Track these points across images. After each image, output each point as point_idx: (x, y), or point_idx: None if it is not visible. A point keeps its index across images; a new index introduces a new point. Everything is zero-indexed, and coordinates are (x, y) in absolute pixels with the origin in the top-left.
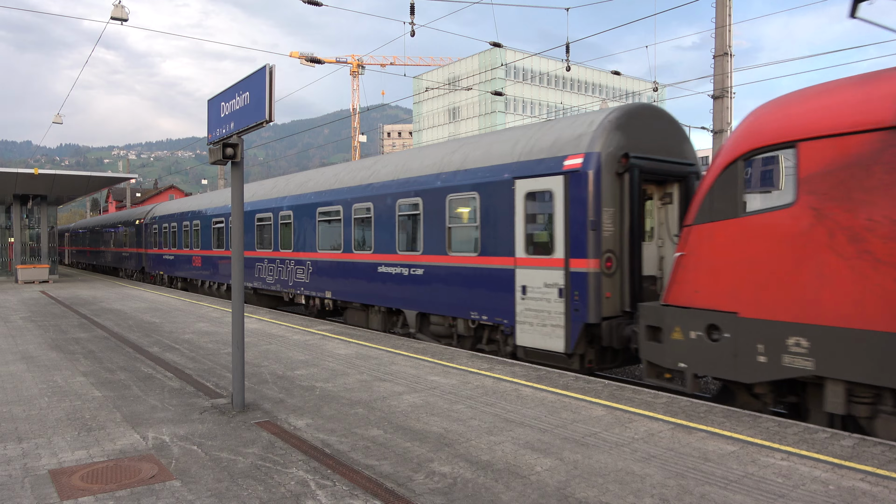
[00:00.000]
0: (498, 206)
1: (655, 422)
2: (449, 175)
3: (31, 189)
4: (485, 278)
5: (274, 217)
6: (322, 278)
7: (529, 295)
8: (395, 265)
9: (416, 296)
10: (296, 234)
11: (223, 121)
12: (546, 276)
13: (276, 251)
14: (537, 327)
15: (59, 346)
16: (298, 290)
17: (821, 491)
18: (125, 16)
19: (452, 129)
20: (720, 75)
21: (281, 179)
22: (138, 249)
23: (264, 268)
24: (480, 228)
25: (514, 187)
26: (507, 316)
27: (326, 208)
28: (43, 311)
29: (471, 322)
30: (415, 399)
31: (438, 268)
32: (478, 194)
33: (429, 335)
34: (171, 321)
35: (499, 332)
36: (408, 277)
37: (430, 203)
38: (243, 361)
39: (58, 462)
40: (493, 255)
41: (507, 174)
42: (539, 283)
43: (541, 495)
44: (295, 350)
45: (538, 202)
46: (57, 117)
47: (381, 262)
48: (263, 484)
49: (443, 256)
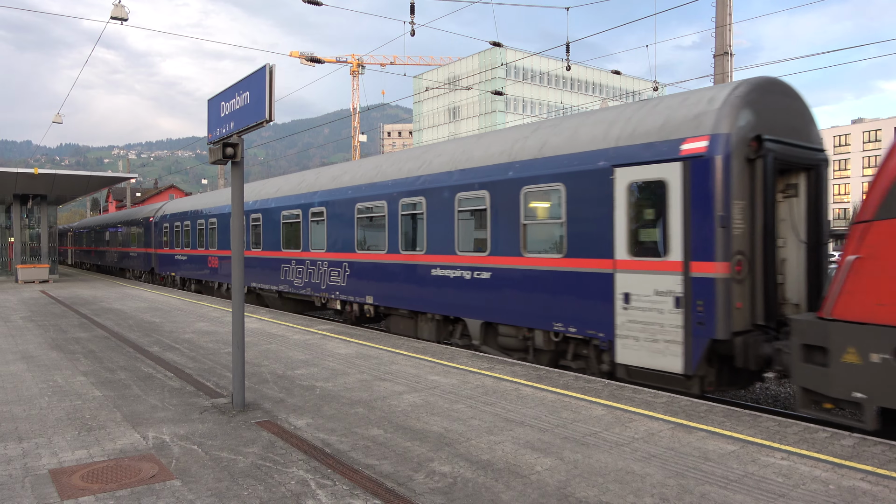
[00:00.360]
0: (590, 199)
1: (656, 421)
2: (524, 164)
3: (31, 189)
4: (573, 283)
5: (303, 214)
6: (362, 282)
7: (634, 304)
8: (453, 267)
9: (481, 303)
10: (330, 233)
11: (223, 120)
12: (657, 281)
13: (306, 251)
14: (645, 343)
15: (59, 345)
16: (333, 295)
17: (821, 490)
18: (125, 15)
19: (452, 129)
20: (720, 74)
21: (309, 173)
22: (147, 249)
23: (292, 269)
24: (567, 225)
25: (614, 177)
26: (602, 328)
27: (367, 204)
28: (43, 311)
29: (552, 334)
30: (415, 398)
31: (510, 271)
32: (563, 186)
33: (496, 348)
34: (172, 321)
35: (590, 347)
36: (470, 282)
37: (499, 197)
38: (243, 361)
39: (58, 462)
40: (583, 257)
41: (604, 162)
42: (647, 289)
43: (541, 495)
44: (295, 349)
45: (645, 194)
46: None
47: (435, 265)
48: (264, 483)
49: (516, 258)
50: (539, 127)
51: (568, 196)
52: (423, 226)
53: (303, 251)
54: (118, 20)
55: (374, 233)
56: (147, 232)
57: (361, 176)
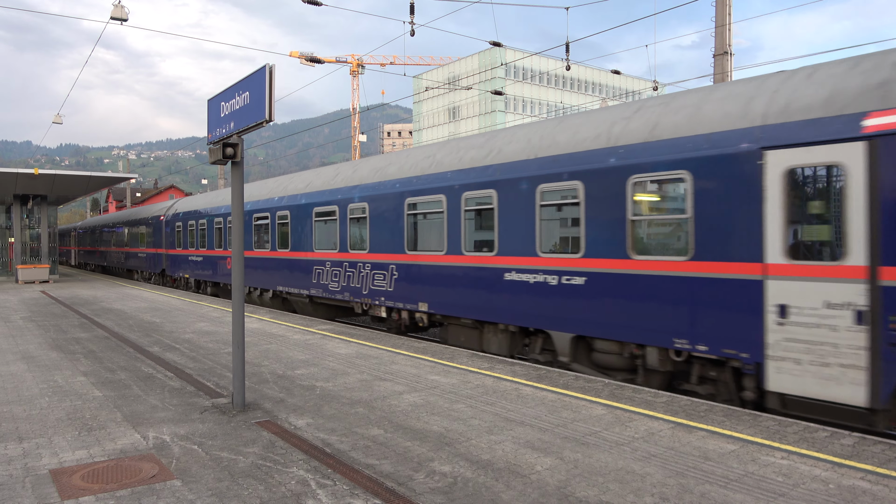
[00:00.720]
0: (728, 190)
1: (656, 421)
2: (631, 149)
3: (31, 189)
4: (703, 292)
5: (340, 211)
6: (414, 286)
7: (795, 318)
8: (533, 271)
9: (572, 312)
10: (373, 232)
11: (223, 120)
12: (829, 291)
13: (343, 252)
14: (811, 367)
15: (59, 345)
16: (377, 301)
17: (821, 490)
18: (125, 16)
19: (452, 129)
20: (720, 74)
21: (345, 165)
22: (157, 250)
23: (326, 272)
24: (694, 221)
25: (763, 161)
26: (746, 347)
27: (419, 199)
28: (43, 311)
29: (673, 352)
30: (415, 398)
31: (613, 276)
32: (689, 174)
33: (589, 365)
34: (172, 321)
35: (725, 370)
36: (557, 288)
37: (596, 188)
38: (244, 361)
39: (58, 462)
40: (718, 260)
41: (747, 143)
42: (814, 301)
43: (541, 494)
44: (295, 349)
45: (811, 182)
46: (57, 117)
47: (509, 268)
48: (264, 483)
49: (620, 260)
50: (642, 106)
51: (696, 186)
52: (494, 223)
53: (340, 252)
54: (118, 20)
55: (428, 231)
56: (157, 231)
57: (411, 167)
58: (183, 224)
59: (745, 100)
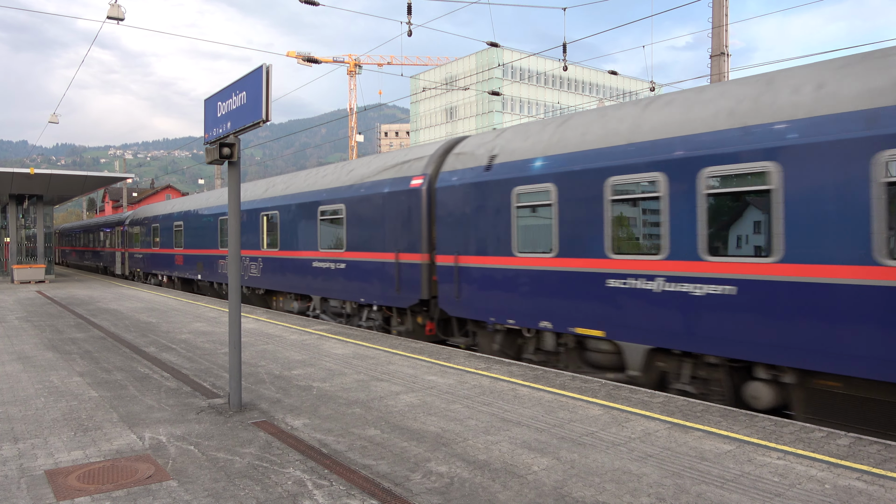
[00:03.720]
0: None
1: (652, 421)
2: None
3: (27, 189)
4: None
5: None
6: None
7: None
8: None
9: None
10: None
11: (220, 120)
12: None
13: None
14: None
15: (55, 346)
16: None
17: (817, 490)
18: (121, 15)
19: (450, 129)
20: (717, 75)
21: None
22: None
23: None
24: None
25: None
26: None
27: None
28: (39, 311)
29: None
30: (412, 399)
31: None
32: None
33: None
34: (168, 321)
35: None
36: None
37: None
38: (240, 361)
39: (54, 462)
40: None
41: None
42: None
43: (538, 495)
44: (292, 350)
45: None
46: (53, 117)
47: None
48: (260, 484)
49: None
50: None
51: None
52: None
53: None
54: (114, 20)
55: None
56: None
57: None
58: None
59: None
